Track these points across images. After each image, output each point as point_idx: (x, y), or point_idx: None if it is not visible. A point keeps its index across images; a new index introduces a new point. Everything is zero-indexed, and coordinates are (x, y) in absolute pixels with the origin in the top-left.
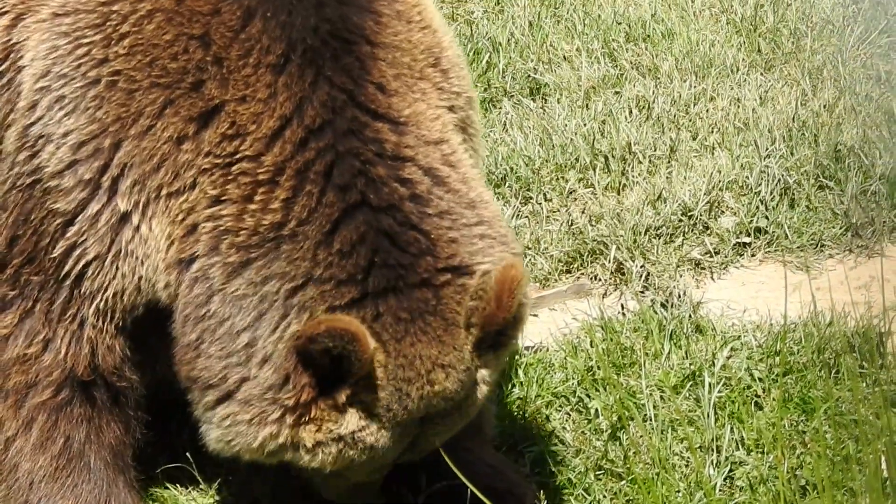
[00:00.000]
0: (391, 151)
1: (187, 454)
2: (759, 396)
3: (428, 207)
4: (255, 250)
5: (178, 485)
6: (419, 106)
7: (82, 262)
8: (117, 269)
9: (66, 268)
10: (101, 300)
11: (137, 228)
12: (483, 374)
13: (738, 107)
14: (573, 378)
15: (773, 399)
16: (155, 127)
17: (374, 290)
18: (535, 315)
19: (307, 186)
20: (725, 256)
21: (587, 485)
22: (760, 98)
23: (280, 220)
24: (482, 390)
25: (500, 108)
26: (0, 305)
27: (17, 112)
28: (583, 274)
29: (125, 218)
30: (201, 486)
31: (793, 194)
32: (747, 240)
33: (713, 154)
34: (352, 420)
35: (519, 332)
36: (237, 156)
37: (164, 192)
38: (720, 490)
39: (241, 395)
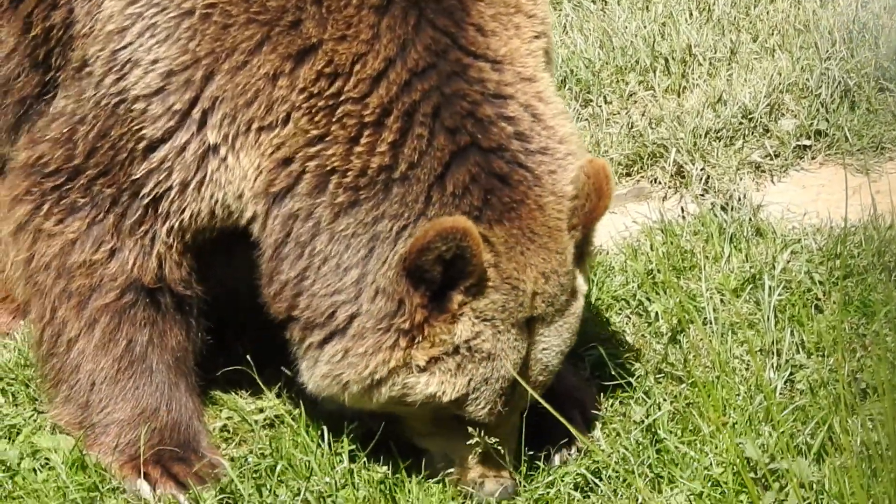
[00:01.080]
0: (493, 90)
1: (248, 357)
2: (819, 299)
3: (530, 144)
4: (365, 192)
5: (237, 388)
6: (514, 43)
7: (164, 187)
8: (198, 193)
9: (146, 189)
10: (176, 221)
11: (224, 159)
12: (579, 283)
13: (799, 8)
14: (633, 281)
15: (834, 302)
16: (250, 63)
17: (486, 220)
18: None
19: (416, 129)
20: (786, 159)
21: (647, 388)
22: None
23: (389, 162)
24: (579, 301)
25: (561, 10)
26: (69, 211)
27: (102, 31)
28: (643, 177)
29: (213, 149)
30: (261, 390)
31: (853, 97)
32: (808, 142)
33: (773, 56)
34: (465, 327)
35: (593, 247)
36: (341, 97)
37: (255, 125)
38: (780, 393)
39: (353, 331)
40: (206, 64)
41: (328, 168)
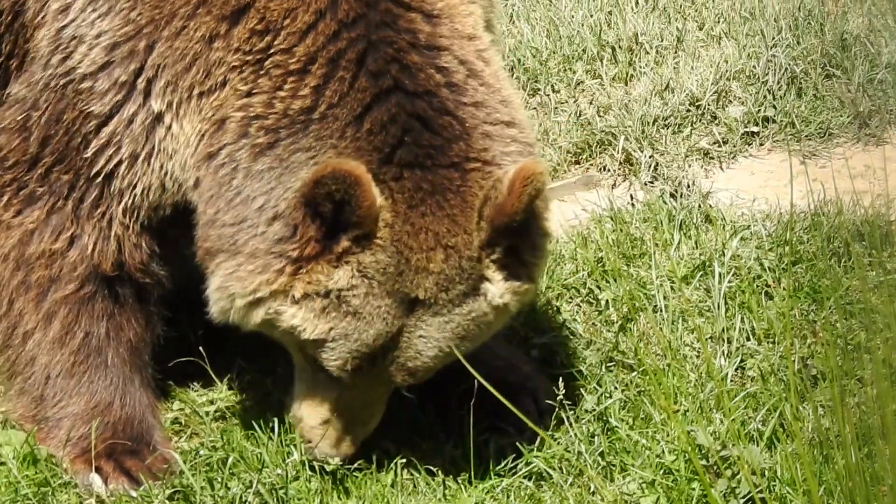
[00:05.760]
0: (425, 41)
1: (200, 348)
2: (769, 286)
3: (464, 96)
4: (284, 131)
5: (189, 379)
6: (452, 0)
7: (115, 161)
8: (148, 166)
9: (98, 166)
10: (129, 198)
11: (169, 127)
12: (490, 289)
13: None
14: (583, 269)
15: (784, 289)
16: (188, 27)
17: (399, 161)
18: None
19: (339, 73)
20: (734, 146)
21: (598, 376)
22: None
23: (310, 104)
24: (481, 305)
25: None
26: (27, 201)
27: (49, 14)
28: (591, 165)
29: (159, 118)
30: (212, 381)
31: (800, 83)
32: (755, 129)
33: (720, 44)
34: (343, 276)
35: (537, 258)
36: (270, 51)
37: (195, 91)
38: (731, 380)
39: (249, 249)
40: (147, 32)
41: (252, 115)
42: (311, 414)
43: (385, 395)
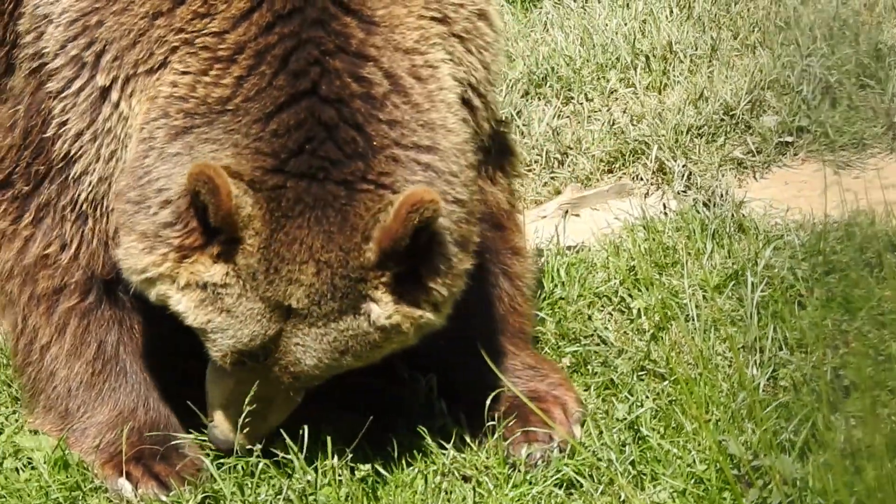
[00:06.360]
0: (354, 48)
1: None
2: (801, 296)
3: (380, 112)
4: (200, 118)
5: None
6: (397, 10)
7: (68, 140)
8: (97, 150)
9: (56, 147)
10: (88, 186)
11: (117, 105)
12: (374, 309)
13: (779, 5)
14: (615, 278)
15: (816, 298)
16: (134, 2)
17: (290, 170)
18: (577, 215)
19: (262, 67)
20: (768, 156)
21: (630, 385)
22: None
23: (228, 95)
24: (362, 324)
25: (541, 7)
26: (21, 206)
27: None
28: (625, 174)
29: (104, 93)
30: None
31: (834, 93)
32: (789, 139)
33: (754, 53)
34: (219, 272)
35: (439, 285)
36: (203, 31)
37: (140, 69)
38: (763, 390)
39: (141, 228)
40: (99, 8)
41: (177, 95)
42: (214, 397)
43: (285, 396)
